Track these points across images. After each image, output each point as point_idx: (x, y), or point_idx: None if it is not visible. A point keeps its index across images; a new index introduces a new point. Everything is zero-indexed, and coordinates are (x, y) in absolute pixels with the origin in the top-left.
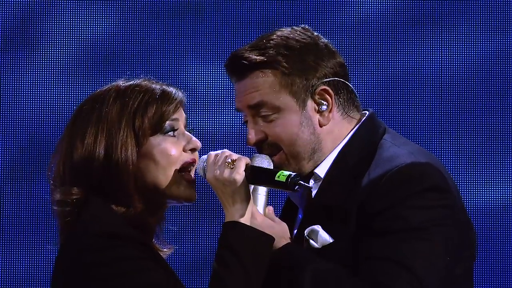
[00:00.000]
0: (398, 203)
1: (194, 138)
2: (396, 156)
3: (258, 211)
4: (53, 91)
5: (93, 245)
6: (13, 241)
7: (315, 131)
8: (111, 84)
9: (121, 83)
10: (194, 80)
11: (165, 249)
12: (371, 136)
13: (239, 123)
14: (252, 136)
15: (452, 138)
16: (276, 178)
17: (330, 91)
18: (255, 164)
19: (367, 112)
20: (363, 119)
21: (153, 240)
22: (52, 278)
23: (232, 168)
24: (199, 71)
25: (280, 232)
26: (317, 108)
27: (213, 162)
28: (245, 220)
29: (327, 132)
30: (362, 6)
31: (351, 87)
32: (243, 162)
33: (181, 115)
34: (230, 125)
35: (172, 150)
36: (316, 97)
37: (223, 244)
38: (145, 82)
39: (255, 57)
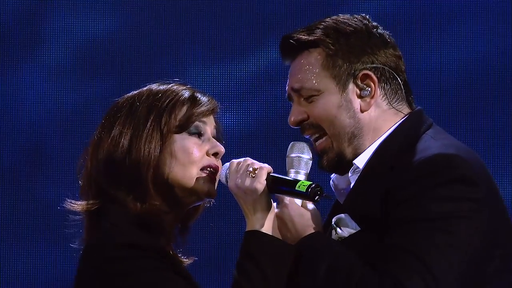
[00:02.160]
0: (421, 193)
1: (218, 143)
2: (428, 148)
3: (293, 200)
4: (53, 91)
5: (116, 255)
6: (12, 241)
7: (355, 115)
8: (146, 86)
9: (155, 85)
10: (198, 80)
11: (185, 259)
12: (415, 130)
13: (249, 123)
14: (293, 116)
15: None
16: (296, 188)
17: (373, 77)
18: (294, 152)
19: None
20: (408, 114)
21: (172, 244)
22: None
23: (253, 177)
24: (202, 71)
25: (309, 221)
26: (359, 92)
27: (235, 170)
28: (266, 229)
29: (369, 119)
30: (361, 6)
31: (401, 80)
32: (264, 171)
33: (210, 121)
34: (238, 125)
35: (194, 150)
36: (358, 81)
37: (244, 254)
38: (178, 86)
39: (303, 36)
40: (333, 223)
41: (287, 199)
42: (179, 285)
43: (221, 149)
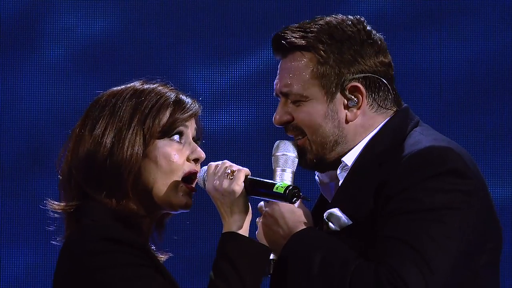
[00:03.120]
0: (414, 185)
1: (199, 149)
2: (418, 142)
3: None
4: (52, 90)
5: (97, 249)
6: (12, 239)
7: (339, 125)
8: (130, 84)
9: (138, 84)
10: (196, 80)
11: (161, 256)
12: (403, 126)
13: (246, 122)
14: (278, 116)
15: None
16: (274, 190)
17: (362, 88)
18: (280, 151)
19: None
20: (396, 112)
21: (149, 243)
22: (54, 281)
23: (231, 179)
24: (201, 71)
25: (300, 217)
26: (346, 103)
27: (213, 172)
28: (243, 231)
29: (354, 128)
30: (362, 2)
31: (389, 86)
32: (242, 174)
33: (191, 125)
34: (230, 126)
35: (175, 156)
36: (346, 92)
37: (221, 255)
38: (162, 87)
39: (295, 39)
40: (324, 217)
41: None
42: (158, 283)
43: (202, 155)
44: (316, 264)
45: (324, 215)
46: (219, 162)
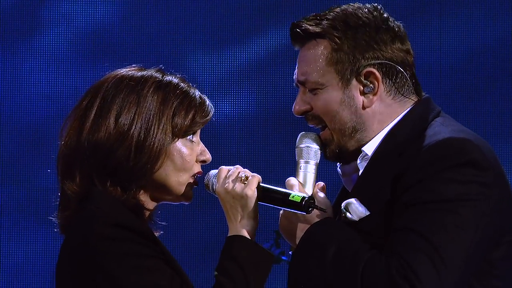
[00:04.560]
0: (431, 176)
1: (207, 151)
2: (438, 133)
3: (305, 187)
4: (52, 78)
5: (108, 235)
6: (13, 228)
7: (356, 111)
8: (144, 72)
9: (157, 73)
10: (198, 66)
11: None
12: (423, 117)
13: (249, 108)
14: (297, 106)
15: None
16: (290, 198)
17: (377, 74)
18: (303, 143)
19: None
20: (416, 101)
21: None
22: (57, 266)
23: (245, 183)
24: (202, 57)
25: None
26: (362, 89)
27: (225, 176)
28: (250, 236)
29: (372, 114)
30: None
31: (407, 74)
32: (256, 180)
33: None
34: (238, 110)
35: (190, 156)
36: (362, 78)
37: (228, 256)
38: (185, 84)
39: (310, 27)
40: (342, 207)
41: (297, 188)
42: (167, 275)
43: (210, 157)
44: (329, 255)
45: (342, 205)
46: (231, 167)
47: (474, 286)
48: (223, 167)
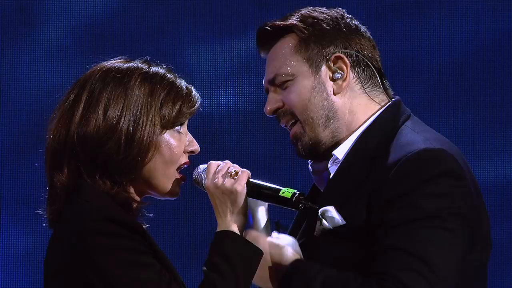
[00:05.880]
0: (411, 191)
1: (195, 141)
2: (411, 143)
3: (260, 229)
4: (52, 70)
5: (98, 228)
6: (12, 221)
7: (328, 98)
8: (130, 64)
9: (143, 65)
10: (197, 58)
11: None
12: (393, 121)
13: (247, 100)
14: (269, 106)
15: (451, 117)
16: (280, 194)
17: (346, 60)
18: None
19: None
20: (387, 104)
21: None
22: (46, 260)
23: (234, 179)
24: (202, 49)
25: (285, 250)
26: (331, 75)
27: (214, 171)
28: (240, 232)
29: (343, 102)
30: None
31: (375, 68)
32: (245, 175)
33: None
34: (237, 102)
35: (177, 147)
36: (331, 63)
37: (217, 252)
38: (171, 75)
39: (277, 22)
40: (319, 214)
41: (255, 237)
42: (155, 270)
43: (198, 148)
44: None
45: (319, 212)
46: (221, 162)
47: None
48: (213, 162)
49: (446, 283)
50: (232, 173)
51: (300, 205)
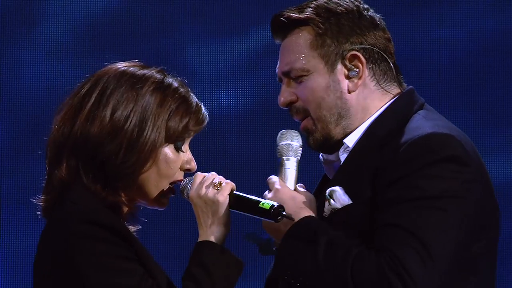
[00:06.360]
0: (414, 172)
1: (193, 160)
2: (420, 127)
3: (285, 184)
4: (53, 69)
5: (81, 232)
6: (12, 219)
7: (342, 96)
8: (146, 70)
9: (158, 74)
10: (198, 57)
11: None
12: (406, 109)
13: (248, 99)
14: (283, 97)
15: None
16: (260, 206)
17: (362, 57)
18: (284, 140)
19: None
20: (400, 93)
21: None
22: (35, 261)
23: (218, 189)
24: (202, 48)
25: (301, 203)
26: (347, 73)
27: (200, 181)
28: (219, 242)
29: (357, 99)
30: None
31: (390, 61)
32: (229, 186)
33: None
34: (237, 102)
35: (174, 164)
36: (347, 61)
37: (196, 262)
38: (184, 89)
39: (293, 14)
40: (326, 194)
41: (278, 184)
42: (136, 277)
43: (195, 167)
44: (322, 246)
45: (327, 192)
46: (207, 174)
47: (453, 283)
48: (199, 173)
49: (439, 263)
50: (216, 184)
51: (279, 217)
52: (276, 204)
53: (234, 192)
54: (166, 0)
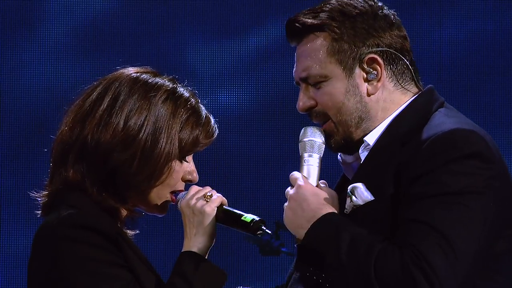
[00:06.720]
0: (437, 168)
1: (196, 172)
2: (442, 123)
3: (307, 180)
4: (53, 69)
5: (70, 236)
6: (13, 220)
7: (362, 100)
8: (158, 79)
9: (170, 83)
10: (198, 58)
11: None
12: (426, 107)
13: (248, 100)
14: (301, 103)
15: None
16: (242, 219)
17: (380, 60)
18: (307, 137)
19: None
20: (419, 92)
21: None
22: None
23: (207, 201)
24: (202, 49)
25: (323, 200)
26: (365, 76)
27: (193, 193)
28: (202, 253)
29: (376, 101)
30: None
31: (407, 60)
32: (218, 200)
33: None
34: (238, 102)
35: (177, 175)
36: (364, 65)
37: (177, 271)
38: (194, 100)
39: (308, 20)
40: (348, 191)
41: (301, 180)
42: (120, 284)
43: (197, 178)
44: (345, 242)
45: (348, 188)
46: (202, 188)
47: (476, 281)
48: (194, 186)
49: (462, 258)
50: (207, 196)
51: (259, 231)
52: (257, 218)
53: (224, 206)
54: (166, 1)
